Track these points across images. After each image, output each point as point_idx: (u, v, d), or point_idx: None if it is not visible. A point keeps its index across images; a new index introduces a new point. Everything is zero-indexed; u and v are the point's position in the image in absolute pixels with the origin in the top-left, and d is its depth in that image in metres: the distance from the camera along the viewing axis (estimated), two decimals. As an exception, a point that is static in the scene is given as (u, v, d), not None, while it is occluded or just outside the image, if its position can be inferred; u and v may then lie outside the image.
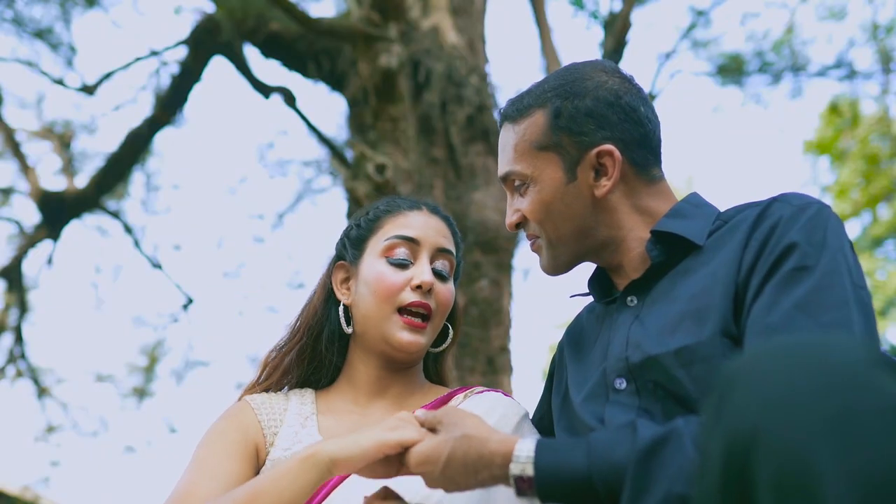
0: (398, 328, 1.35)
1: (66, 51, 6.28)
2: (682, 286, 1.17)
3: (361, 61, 4.25)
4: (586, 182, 1.24)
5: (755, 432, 0.73)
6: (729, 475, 0.75)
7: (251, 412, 1.36)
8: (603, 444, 1.00)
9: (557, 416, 1.31)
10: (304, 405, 1.39)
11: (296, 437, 1.33)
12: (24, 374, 7.35)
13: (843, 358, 0.74)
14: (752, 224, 1.14)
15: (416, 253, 1.39)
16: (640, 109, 1.26)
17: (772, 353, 0.78)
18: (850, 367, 0.74)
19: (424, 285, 1.35)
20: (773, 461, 0.71)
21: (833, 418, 0.70)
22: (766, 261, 1.08)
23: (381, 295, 1.36)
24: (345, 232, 1.50)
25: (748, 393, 0.75)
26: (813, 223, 1.09)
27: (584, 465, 0.98)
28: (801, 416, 0.71)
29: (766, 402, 0.74)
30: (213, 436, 1.32)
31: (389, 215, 1.44)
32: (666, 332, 1.13)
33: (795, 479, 0.69)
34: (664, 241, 1.21)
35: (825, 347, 0.76)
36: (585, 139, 1.23)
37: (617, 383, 1.16)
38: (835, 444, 0.69)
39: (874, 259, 11.76)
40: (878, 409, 0.70)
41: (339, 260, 1.47)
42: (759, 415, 0.73)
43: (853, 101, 8.12)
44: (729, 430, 0.75)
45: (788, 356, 0.76)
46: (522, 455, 1.01)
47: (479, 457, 1.02)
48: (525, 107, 1.29)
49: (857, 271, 1.07)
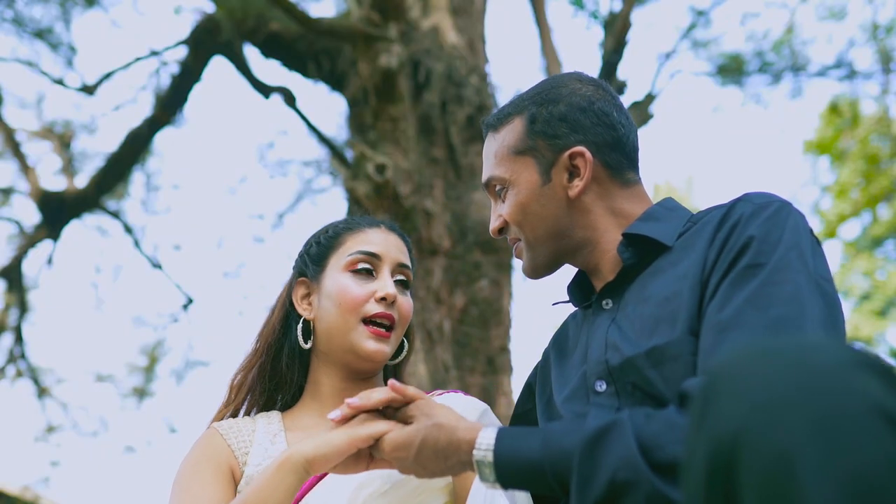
0: (364, 337, 1.39)
1: (66, 51, 6.28)
2: (652, 287, 1.20)
3: (361, 61, 4.25)
4: (560, 183, 1.29)
5: (739, 435, 0.73)
6: (713, 478, 0.75)
7: (220, 438, 1.40)
8: (557, 434, 1.04)
9: (542, 420, 1.35)
10: (272, 424, 1.43)
11: (265, 453, 1.36)
12: (24, 374, 7.35)
13: (826, 360, 0.75)
14: (716, 224, 1.17)
15: (378, 267, 1.45)
16: (612, 114, 1.31)
17: (755, 355, 0.78)
18: (833, 370, 0.74)
19: (389, 297, 1.41)
20: (757, 465, 0.71)
21: (816, 421, 0.70)
22: (724, 259, 1.11)
23: (346, 306, 1.40)
24: (304, 250, 1.54)
25: (731, 397, 0.76)
26: (771, 221, 1.11)
27: (539, 453, 1.03)
28: (785, 419, 0.71)
29: (749, 405, 0.74)
30: (189, 468, 1.35)
31: (350, 232, 1.49)
32: (643, 333, 1.16)
33: (779, 483, 0.69)
34: (635, 243, 1.25)
35: (808, 349, 0.77)
36: (559, 142, 1.29)
37: (597, 386, 1.19)
38: (819, 446, 0.69)
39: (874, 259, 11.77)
40: (860, 412, 0.70)
41: (299, 276, 1.51)
42: (742, 418, 0.74)
43: (853, 101, 8.12)
44: (713, 434, 0.76)
45: (771, 359, 0.77)
46: (484, 442, 1.06)
47: (447, 444, 1.08)
48: (505, 115, 1.36)
49: (817, 266, 1.09)
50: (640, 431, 0.98)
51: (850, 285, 12.05)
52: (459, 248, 4.25)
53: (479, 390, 3.98)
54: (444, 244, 4.19)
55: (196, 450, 1.39)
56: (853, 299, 12.05)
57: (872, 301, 11.77)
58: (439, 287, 4.13)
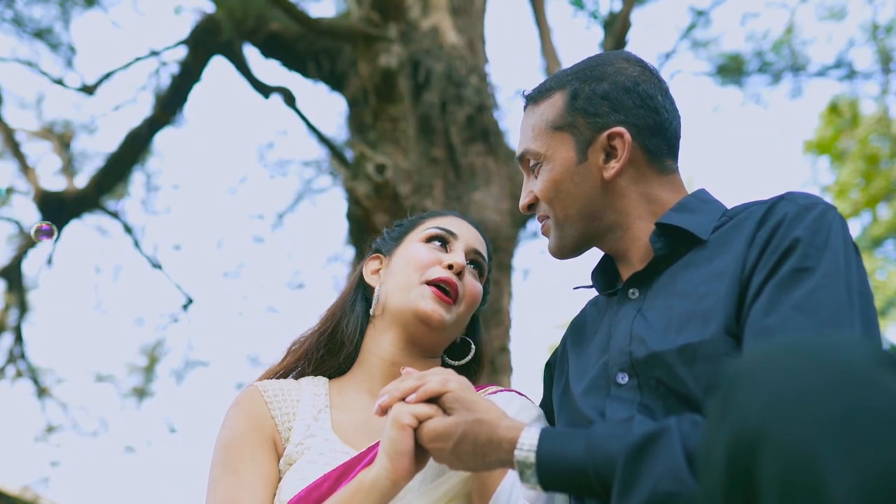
0: (425, 297, 1.35)
1: (65, 51, 6.28)
2: (683, 281, 1.17)
3: (361, 61, 4.25)
4: (596, 163, 1.26)
5: (760, 431, 0.73)
6: (733, 474, 0.75)
7: (263, 405, 1.36)
8: (601, 437, 1.02)
9: (558, 409, 1.31)
10: (318, 396, 1.39)
11: (308, 430, 1.33)
12: (23, 374, 7.35)
13: (847, 357, 0.74)
14: (757, 222, 1.14)
15: (453, 244, 1.44)
16: (657, 98, 1.28)
17: (776, 352, 0.78)
18: (855, 367, 0.73)
19: (456, 266, 1.37)
20: (778, 460, 0.71)
21: (838, 418, 0.70)
22: (768, 260, 1.08)
23: (412, 266, 1.39)
24: (385, 230, 1.55)
25: (753, 392, 0.75)
26: (817, 223, 1.09)
27: (582, 456, 1.01)
28: (806, 415, 0.71)
29: (770, 401, 0.74)
30: (234, 438, 1.31)
31: (432, 216, 1.50)
32: (671, 328, 1.13)
33: (800, 479, 0.69)
34: (668, 233, 1.22)
35: (830, 346, 0.76)
36: (599, 121, 1.26)
37: (619, 378, 1.16)
38: (840, 443, 0.69)
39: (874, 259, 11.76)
40: (882, 409, 0.70)
41: (374, 252, 1.52)
42: (763, 414, 0.73)
43: (853, 101, 8.12)
44: (734, 429, 0.75)
45: (793, 355, 0.76)
46: (527, 443, 1.03)
47: (488, 441, 1.06)
48: (546, 89, 1.32)
49: (859, 276, 1.07)
50: (687, 441, 0.96)
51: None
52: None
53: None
54: (444, 244, 4.18)
55: (240, 416, 1.34)
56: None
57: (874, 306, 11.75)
58: (439, 287, 4.13)
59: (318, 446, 1.30)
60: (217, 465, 1.29)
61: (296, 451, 1.30)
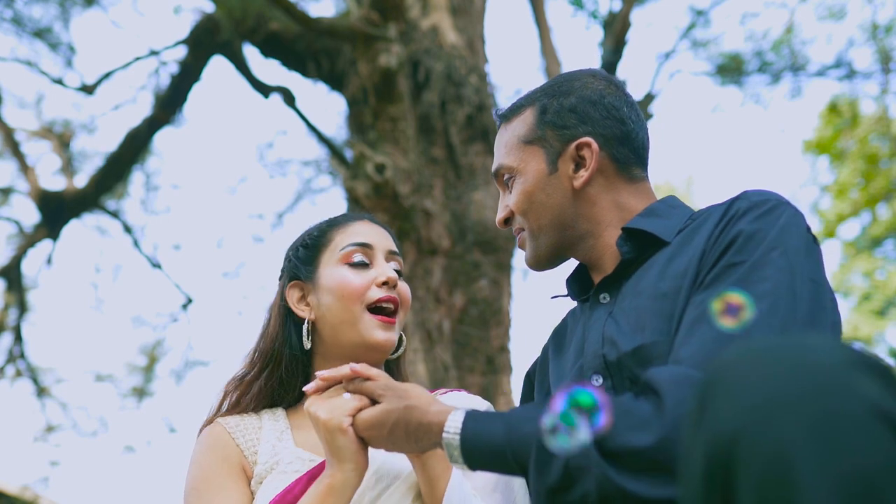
0: (372, 327, 1.39)
1: (65, 50, 6.29)
2: (646, 280, 1.21)
3: (361, 61, 4.25)
4: (566, 173, 1.30)
5: (737, 437, 0.73)
6: (711, 479, 0.75)
7: (227, 436, 1.38)
8: (518, 419, 1.07)
9: None
10: (277, 421, 1.42)
11: (273, 450, 1.35)
12: (23, 374, 7.35)
13: (821, 360, 0.75)
14: (716, 221, 1.17)
15: (373, 256, 1.45)
16: (622, 109, 1.33)
17: (752, 355, 0.79)
18: (831, 370, 0.74)
19: (391, 280, 1.41)
20: (755, 465, 0.71)
21: (814, 421, 0.71)
22: (712, 255, 1.12)
23: (349, 297, 1.39)
24: (291, 254, 1.52)
25: (729, 397, 0.76)
26: (762, 219, 1.11)
27: (502, 437, 1.06)
28: (782, 419, 0.72)
29: (746, 406, 0.74)
30: (202, 472, 1.33)
31: (335, 228, 1.49)
32: (636, 328, 1.17)
33: (777, 483, 0.70)
34: (634, 238, 1.25)
35: (805, 350, 0.77)
36: (567, 132, 1.31)
37: (593, 380, 1.20)
38: (816, 447, 0.69)
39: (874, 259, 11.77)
40: (858, 413, 0.71)
41: (291, 280, 1.48)
42: (739, 419, 0.74)
43: (853, 101, 8.13)
44: (711, 435, 0.76)
45: (768, 359, 0.77)
46: (453, 426, 1.09)
47: (419, 425, 1.11)
48: (517, 107, 1.38)
49: (807, 265, 1.09)
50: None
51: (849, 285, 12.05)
52: (459, 247, 4.25)
53: (479, 390, 3.98)
54: (444, 244, 4.18)
55: (205, 451, 1.36)
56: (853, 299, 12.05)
57: (872, 301, 11.76)
58: (439, 287, 4.13)
59: (286, 459, 1.33)
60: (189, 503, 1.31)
61: (265, 469, 1.33)
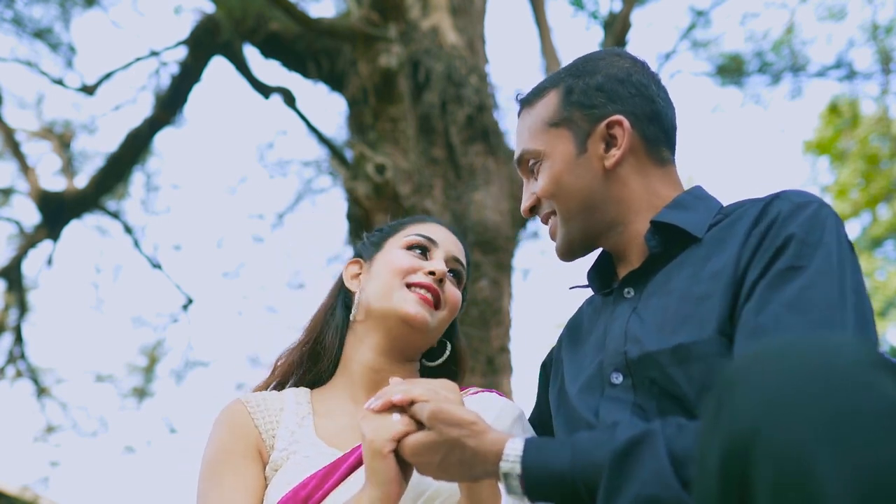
0: (408, 300, 1.35)
1: (65, 51, 6.29)
2: (678, 279, 1.17)
3: (361, 61, 4.25)
4: (596, 154, 1.25)
5: (754, 434, 0.72)
6: (727, 477, 0.74)
7: (247, 416, 1.37)
8: (585, 444, 1.01)
9: (555, 409, 1.31)
10: (300, 405, 1.40)
11: (292, 436, 1.34)
12: (23, 374, 7.35)
13: (842, 359, 0.74)
14: (752, 220, 1.13)
15: (433, 252, 1.43)
16: (651, 87, 1.28)
17: (770, 354, 0.78)
18: (849, 369, 0.73)
19: (438, 272, 1.37)
20: (772, 463, 0.71)
21: (832, 420, 0.70)
22: (760, 258, 1.08)
23: (393, 270, 1.38)
24: (366, 235, 1.55)
25: (747, 394, 0.75)
26: (811, 221, 1.08)
27: (568, 465, 1.00)
28: (800, 418, 0.71)
29: (764, 403, 0.73)
30: (218, 451, 1.33)
31: (413, 223, 1.50)
32: (666, 328, 1.13)
33: (794, 482, 0.69)
34: (663, 231, 1.21)
35: (824, 348, 0.76)
36: (596, 112, 1.26)
37: (613, 377, 1.16)
38: (834, 446, 0.69)
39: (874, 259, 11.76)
40: (876, 411, 0.70)
41: (355, 257, 1.51)
42: (757, 417, 0.73)
43: (853, 102, 8.13)
44: (728, 432, 0.75)
45: (787, 357, 0.76)
46: (511, 454, 1.03)
47: (473, 454, 1.05)
48: (539, 89, 1.33)
49: (853, 274, 1.06)
50: (672, 445, 0.95)
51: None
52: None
53: (479, 390, 3.98)
54: (444, 244, 4.18)
55: (223, 430, 1.35)
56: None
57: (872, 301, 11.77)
58: (439, 287, 4.13)
59: (304, 450, 1.31)
60: (203, 481, 1.30)
61: (281, 457, 1.31)
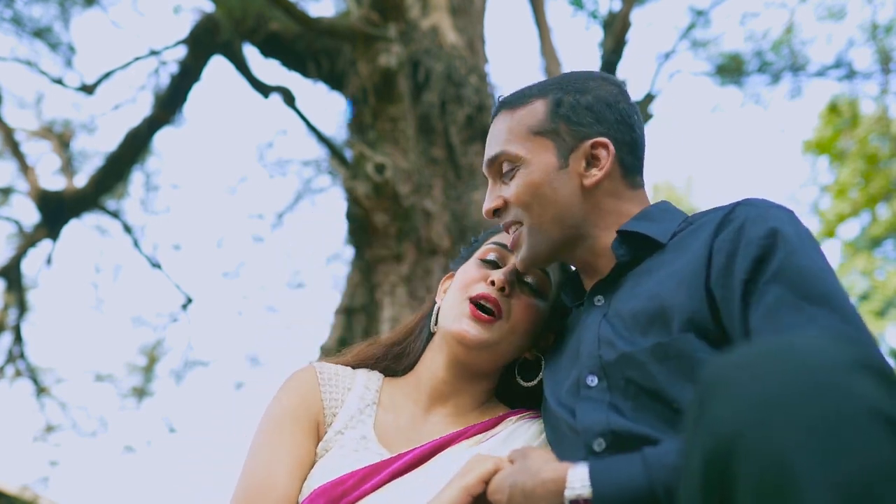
0: (463, 317, 1.34)
1: (65, 50, 6.29)
2: (645, 284, 1.20)
3: (361, 61, 4.25)
4: (577, 170, 1.28)
5: (735, 438, 0.73)
6: (709, 480, 0.75)
7: (315, 386, 1.38)
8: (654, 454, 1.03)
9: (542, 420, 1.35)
10: (369, 391, 1.41)
11: (351, 421, 1.35)
12: (23, 374, 7.35)
13: (822, 362, 0.74)
14: (716, 226, 1.16)
15: (507, 260, 1.39)
16: (633, 117, 1.33)
17: (751, 357, 0.78)
18: (829, 372, 0.73)
19: (498, 282, 1.34)
20: (754, 467, 0.71)
21: (812, 424, 0.70)
22: (742, 261, 1.09)
23: (461, 285, 1.38)
24: (462, 249, 1.55)
25: (728, 399, 0.76)
26: (782, 221, 1.11)
27: (644, 478, 1.01)
28: (781, 421, 0.71)
29: (745, 408, 0.74)
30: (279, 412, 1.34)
31: (497, 231, 1.47)
32: (636, 330, 1.16)
33: (775, 485, 0.69)
34: (629, 240, 1.25)
35: (804, 350, 0.76)
36: (583, 130, 1.29)
37: (588, 380, 1.19)
38: (814, 449, 0.69)
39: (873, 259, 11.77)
40: (856, 414, 0.70)
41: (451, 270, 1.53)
42: (738, 421, 0.73)
43: (852, 101, 8.14)
44: (709, 436, 0.75)
45: (768, 360, 0.76)
46: (577, 481, 1.05)
47: (534, 487, 1.08)
48: (525, 96, 1.34)
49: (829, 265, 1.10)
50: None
51: (849, 285, 12.05)
52: (459, 247, 4.25)
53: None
54: (444, 244, 4.18)
55: (291, 392, 1.37)
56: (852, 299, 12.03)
57: (871, 301, 11.77)
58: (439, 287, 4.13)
59: (354, 442, 1.32)
60: (260, 434, 1.32)
61: (333, 439, 1.33)
